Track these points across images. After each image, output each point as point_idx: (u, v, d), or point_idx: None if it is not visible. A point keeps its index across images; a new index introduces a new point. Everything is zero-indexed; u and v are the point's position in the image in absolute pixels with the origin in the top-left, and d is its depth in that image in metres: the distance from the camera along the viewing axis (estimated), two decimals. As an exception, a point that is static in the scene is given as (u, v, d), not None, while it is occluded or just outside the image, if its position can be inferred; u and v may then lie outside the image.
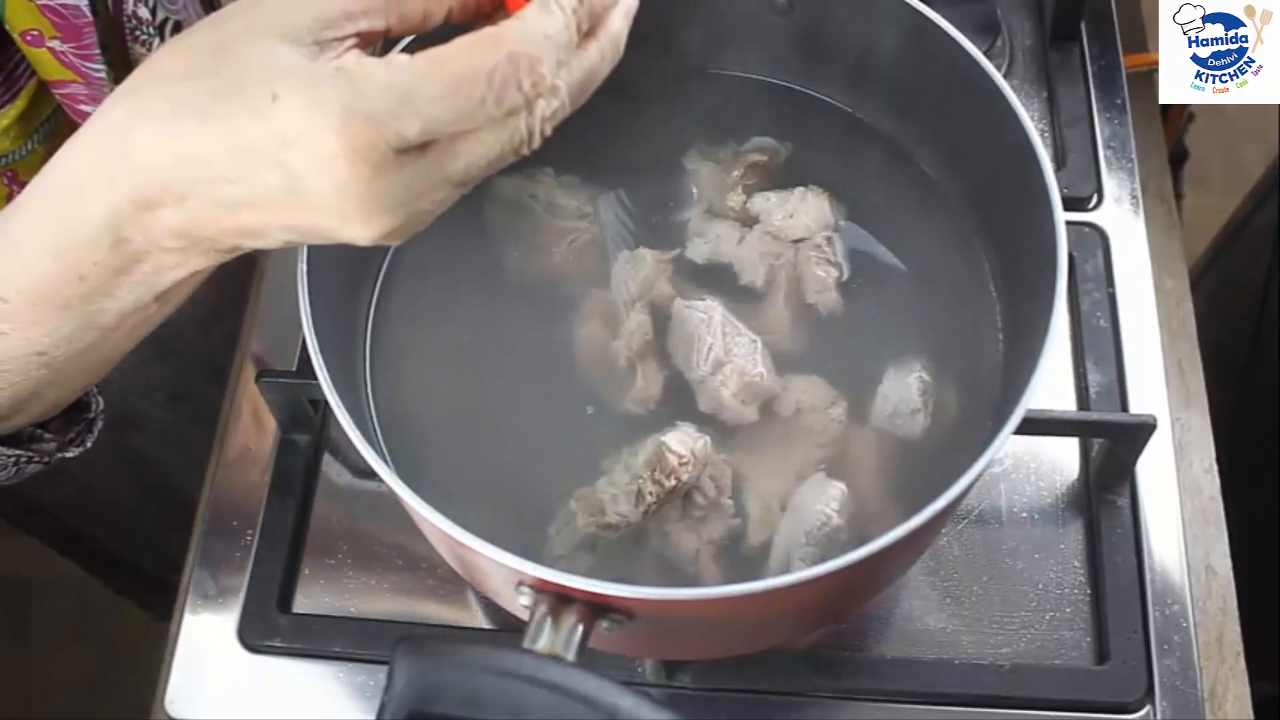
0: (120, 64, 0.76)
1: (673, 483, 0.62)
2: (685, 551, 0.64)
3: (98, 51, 0.71)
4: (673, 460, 0.62)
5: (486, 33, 0.41)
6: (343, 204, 0.41)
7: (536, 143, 0.43)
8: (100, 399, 0.58)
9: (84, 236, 0.44)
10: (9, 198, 0.75)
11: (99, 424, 0.59)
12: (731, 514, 0.65)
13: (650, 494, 0.62)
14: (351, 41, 0.42)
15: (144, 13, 0.75)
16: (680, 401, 0.68)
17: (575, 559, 0.63)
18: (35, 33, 0.68)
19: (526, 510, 0.65)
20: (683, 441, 0.63)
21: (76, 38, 0.69)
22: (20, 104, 0.72)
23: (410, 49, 0.42)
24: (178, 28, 0.83)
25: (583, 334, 0.70)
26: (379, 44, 0.46)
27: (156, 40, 0.78)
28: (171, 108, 0.41)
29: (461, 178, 0.43)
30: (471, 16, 0.46)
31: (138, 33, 0.75)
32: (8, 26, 0.67)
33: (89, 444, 0.58)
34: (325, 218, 0.42)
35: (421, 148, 0.41)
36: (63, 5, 0.68)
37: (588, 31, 0.44)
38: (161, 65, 0.43)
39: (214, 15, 0.44)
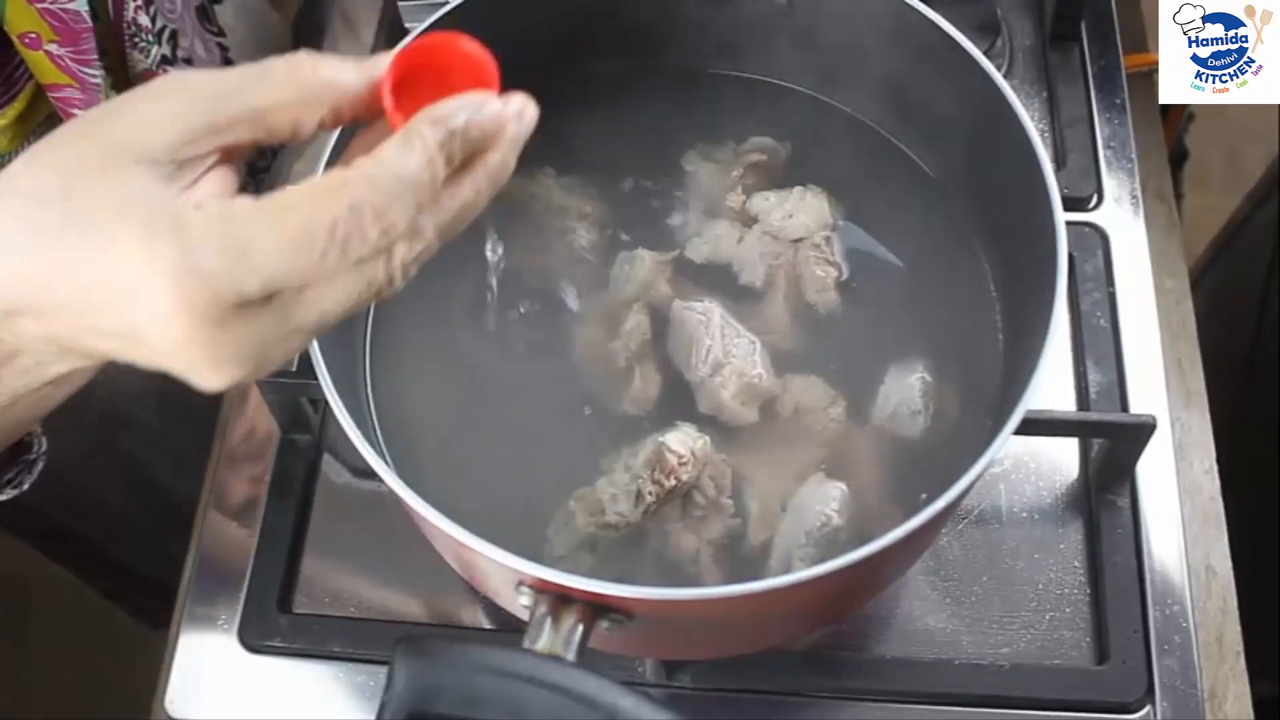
0: (118, 70, 0.76)
1: (672, 483, 0.62)
2: (685, 551, 0.64)
3: (95, 57, 0.71)
4: (672, 460, 0.62)
5: (334, 178, 0.39)
6: (186, 357, 0.39)
7: (400, 284, 0.41)
8: (43, 440, 0.57)
9: None
10: None
11: (40, 465, 0.58)
12: (731, 514, 0.65)
13: (650, 494, 0.62)
14: (214, 159, 0.41)
15: (144, 20, 0.75)
16: (680, 402, 0.68)
17: (575, 559, 0.63)
18: (34, 35, 0.68)
19: (526, 510, 0.65)
20: (682, 441, 0.63)
21: (74, 42, 0.69)
22: (18, 105, 0.72)
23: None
24: (174, 36, 0.84)
25: (581, 334, 0.70)
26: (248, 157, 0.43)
27: (155, 47, 0.78)
28: (21, 231, 0.39)
29: (316, 324, 0.41)
30: (349, 124, 0.43)
31: (137, 39, 0.75)
32: (6, 28, 0.67)
33: (26, 485, 0.58)
34: (172, 364, 0.40)
35: (267, 298, 0.39)
36: (63, 10, 0.68)
37: (466, 162, 0.41)
38: (18, 181, 0.41)
39: (75, 123, 0.41)
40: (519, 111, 0.41)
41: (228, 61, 0.93)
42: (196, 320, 0.38)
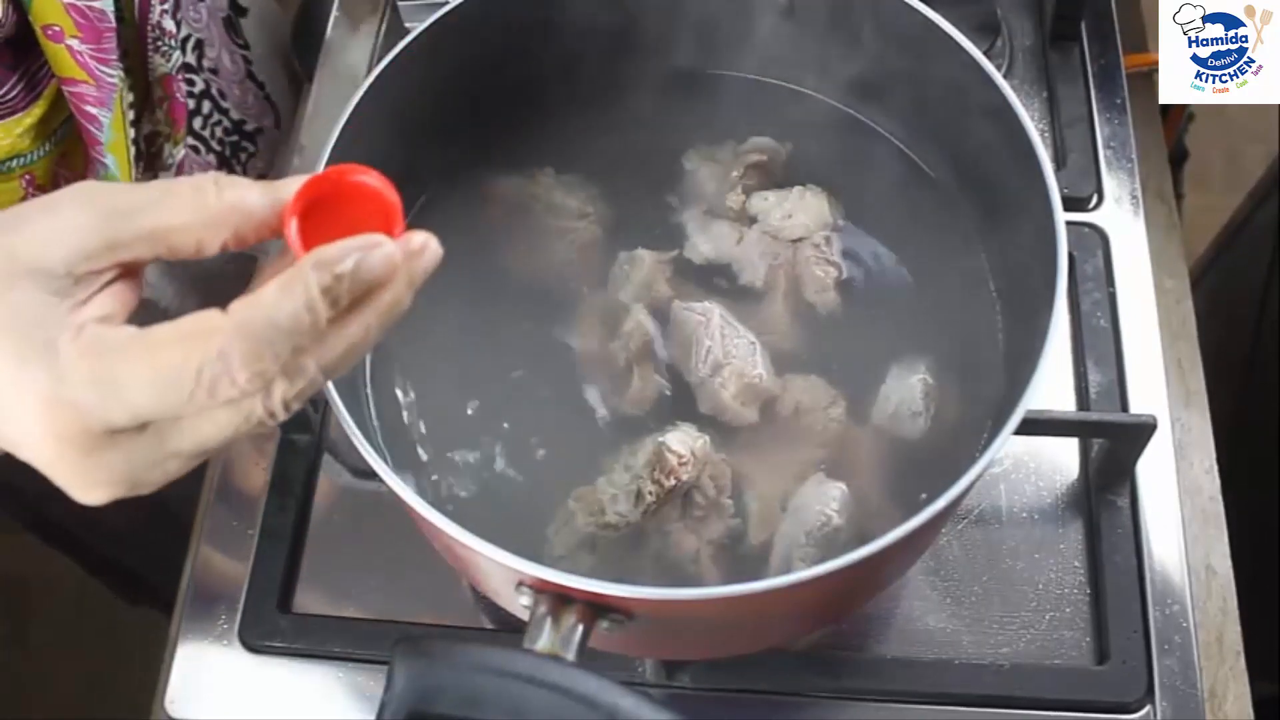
0: (138, 72, 0.75)
1: (672, 482, 0.62)
2: (685, 551, 0.64)
3: (115, 57, 0.71)
4: (672, 460, 0.62)
5: (209, 321, 0.38)
6: (58, 476, 0.40)
7: (282, 417, 0.40)
8: None
9: None
10: (25, 198, 0.75)
11: None
12: (731, 514, 0.65)
13: (650, 494, 0.62)
14: (111, 274, 0.40)
15: (169, 24, 0.75)
16: (680, 402, 0.68)
17: (575, 559, 0.63)
18: (57, 29, 0.68)
19: (526, 510, 0.65)
20: (682, 441, 0.63)
21: (96, 40, 0.69)
22: (42, 106, 0.72)
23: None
24: (200, 46, 0.83)
25: (581, 334, 0.70)
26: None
27: (177, 53, 0.78)
28: None
29: (193, 451, 0.40)
30: (253, 245, 0.42)
31: (159, 44, 0.75)
32: (31, 18, 0.67)
33: None
34: (49, 476, 0.40)
35: (141, 426, 0.39)
36: (89, 7, 0.68)
37: (359, 298, 0.39)
38: None
39: None
40: (419, 249, 0.40)
41: (250, 75, 0.94)
42: (64, 446, 0.39)
